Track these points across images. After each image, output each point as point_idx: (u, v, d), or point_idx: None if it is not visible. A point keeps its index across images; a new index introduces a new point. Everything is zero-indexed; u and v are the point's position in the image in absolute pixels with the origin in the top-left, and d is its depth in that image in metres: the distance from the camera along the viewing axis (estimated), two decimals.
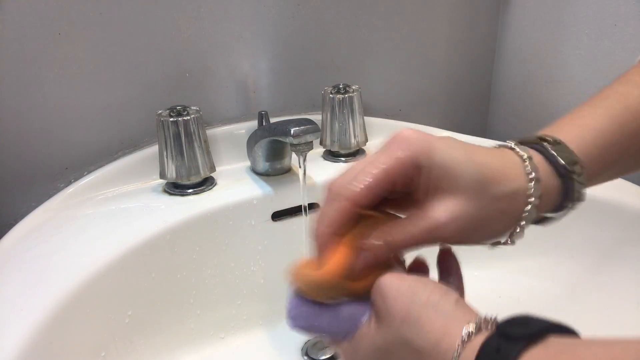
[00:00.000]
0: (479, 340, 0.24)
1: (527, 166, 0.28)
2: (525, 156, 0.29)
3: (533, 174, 0.28)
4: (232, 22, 0.63)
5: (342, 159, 0.67)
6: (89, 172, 0.60)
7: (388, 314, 0.26)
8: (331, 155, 0.68)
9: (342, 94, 0.64)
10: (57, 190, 0.59)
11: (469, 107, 0.84)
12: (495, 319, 0.25)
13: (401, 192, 0.29)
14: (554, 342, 0.23)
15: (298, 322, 0.30)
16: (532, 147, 0.30)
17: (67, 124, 0.58)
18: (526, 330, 0.23)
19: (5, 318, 0.40)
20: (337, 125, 0.65)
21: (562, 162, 0.29)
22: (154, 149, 0.61)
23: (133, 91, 0.60)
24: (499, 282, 0.61)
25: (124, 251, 0.48)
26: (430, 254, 0.33)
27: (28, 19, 0.53)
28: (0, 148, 0.56)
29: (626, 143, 0.31)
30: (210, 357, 0.55)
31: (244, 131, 0.65)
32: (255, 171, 0.63)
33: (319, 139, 0.66)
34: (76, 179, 0.60)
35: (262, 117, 0.62)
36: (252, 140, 0.60)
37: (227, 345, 0.57)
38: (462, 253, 0.33)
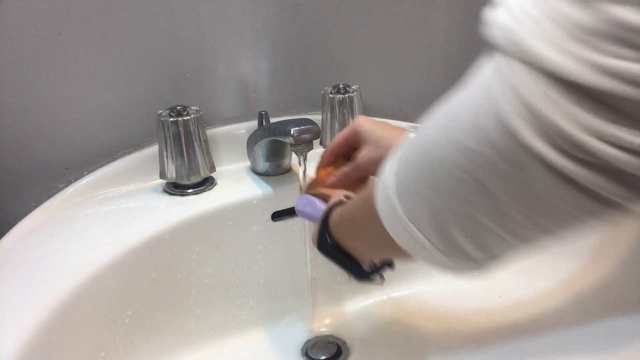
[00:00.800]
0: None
1: (407, 134, 0.42)
2: (411, 131, 0.42)
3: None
4: (232, 22, 0.63)
5: None
6: (89, 172, 0.60)
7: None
8: None
9: (342, 94, 0.64)
10: (57, 190, 0.59)
11: None
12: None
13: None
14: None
15: (297, 206, 0.50)
16: None
17: (67, 124, 0.58)
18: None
19: (5, 318, 0.39)
20: (337, 125, 0.65)
21: None
22: (154, 149, 0.61)
23: (133, 91, 0.60)
24: (499, 282, 0.61)
25: (124, 251, 0.48)
26: None
27: (28, 19, 0.53)
28: (0, 148, 0.56)
29: None
30: (210, 357, 0.55)
31: (244, 131, 0.65)
32: (255, 171, 0.63)
33: (319, 139, 0.66)
34: (76, 179, 0.60)
35: (262, 117, 0.62)
36: (252, 140, 0.60)
37: (227, 345, 0.57)
38: None
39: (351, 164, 0.49)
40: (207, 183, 0.60)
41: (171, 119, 0.55)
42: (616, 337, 0.49)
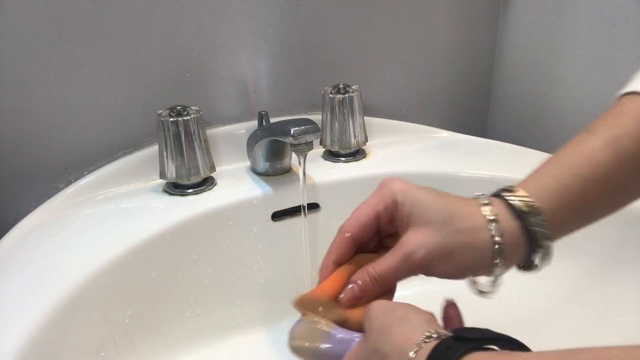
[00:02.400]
0: (436, 342, 0.26)
1: (484, 209, 0.33)
2: (483, 202, 0.33)
3: (490, 216, 0.32)
4: (232, 22, 0.63)
5: (342, 159, 0.67)
6: (89, 172, 0.60)
7: (370, 330, 0.29)
8: (331, 155, 0.68)
9: (342, 94, 0.64)
10: (57, 190, 0.59)
11: (469, 107, 0.84)
12: (457, 328, 0.27)
13: (394, 234, 0.35)
14: (498, 351, 0.25)
15: (295, 340, 0.33)
16: (493, 196, 0.35)
17: (67, 124, 0.58)
18: (477, 335, 0.26)
19: (5, 318, 0.40)
20: (337, 125, 0.65)
21: (517, 203, 0.33)
22: (154, 149, 0.61)
23: (133, 91, 0.60)
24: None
25: (124, 251, 0.48)
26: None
27: (28, 19, 0.53)
28: (1, 148, 0.56)
29: (583, 186, 0.33)
30: (210, 357, 0.55)
31: (244, 131, 0.65)
32: (255, 171, 0.63)
33: (319, 139, 0.66)
34: (76, 179, 0.60)
35: (262, 117, 0.62)
36: (252, 140, 0.60)
37: (227, 345, 0.57)
38: None
39: (397, 252, 0.32)
40: (207, 183, 0.60)
41: (171, 119, 0.55)
42: (616, 337, 0.49)
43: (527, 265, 0.36)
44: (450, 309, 0.34)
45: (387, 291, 0.34)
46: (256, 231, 0.58)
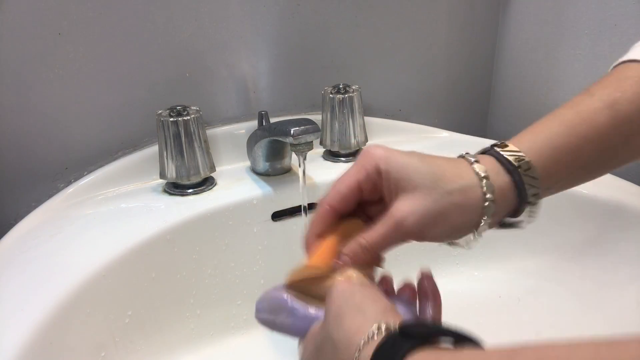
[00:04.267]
0: (382, 338, 0.25)
1: (474, 166, 0.32)
2: (473, 160, 0.33)
3: (481, 173, 0.32)
4: (232, 22, 0.63)
5: (342, 159, 0.67)
6: (89, 172, 0.60)
7: (327, 313, 0.29)
8: (331, 155, 0.68)
9: (342, 94, 0.64)
10: (57, 190, 0.59)
11: (469, 107, 0.84)
12: (404, 323, 0.26)
13: (376, 201, 0.34)
14: (443, 349, 0.24)
15: (260, 314, 0.34)
16: (483, 153, 0.34)
17: (67, 124, 0.58)
18: (423, 330, 0.24)
19: (5, 318, 0.40)
20: (337, 125, 0.65)
21: (508, 158, 0.32)
22: (154, 149, 0.61)
23: (133, 91, 0.60)
24: (499, 282, 0.61)
25: (124, 251, 0.48)
26: None
27: (28, 19, 0.53)
28: (1, 148, 0.56)
29: (576, 144, 0.33)
30: (210, 357, 0.55)
31: (244, 131, 0.65)
32: (255, 171, 0.63)
33: (319, 139, 0.66)
34: (76, 179, 0.60)
35: (262, 117, 0.62)
36: (252, 140, 0.60)
37: (227, 345, 0.57)
38: (464, 253, 0.33)
39: (388, 221, 0.32)
40: (207, 183, 0.60)
41: (171, 119, 0.55)
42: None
43: (511, 223, 0.35)
44: (425, 281, 0.33)
45: (376, 258, 0.33)
46: (256, 231, 0.58)
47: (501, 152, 0.33)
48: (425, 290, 0.33)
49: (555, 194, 0.34)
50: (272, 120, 0.62)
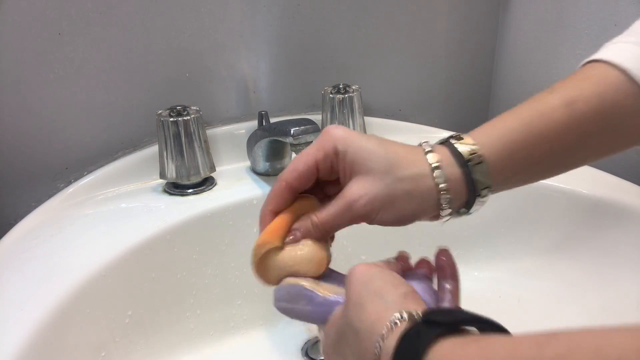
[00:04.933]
0: (406, 326, 0.25)
1: (427, 156, 0.33)
2: (428, 149, 0.33)
3: (432, 163, 0.32)
4: (232, 22, 0.63)
5: None
6: (89, 172, 0.60)
7: (348, 300, 0.29)
8: None
9: (342, 94, 0.64)
10: (57, 190, 0.59)
11: (469, 107, 0.84)
12: (428, 310, 0.26)
13: (335, 181, 0.34)
14: (470, 335, 0.24)
15: (279, 302, 0.34)
16: (441, 143, 0.35)
17: (67, 124, 0.58)
18: (448, 318, 0.24)
19: (5, 318, 0.39)
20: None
21: (460, 151, 0.33)
22: (154, 149, 0.61)
23: (133, 91, 0.60)
24: (499, 282, 0.61)
25: (124, 251, 0.48)
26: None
27: (28, 19, 0.53)
28: (1, 148, 0.56)
29: (532, 141, 0.33)
30: (210, 357, 0.55)
31: (244, 131, 0.65)
32: (255, 171, 0.63)
33: None
34: (76, 179, 0.60)
35: (262, 117, 0.62)
36: (252, 140, 0.60)
37: (228, 345, 0.57)
38: (463, 253, 0.33)
39: (339, 202, 0.32)
40: (207, 183, 0.60)
41: (171, 119, 0.55)
42: None
43: (462, 211, 0.35)
44: (442, 256, 0.34)
45: (327, 236, 0.34)
46: (256, 231, 0.58)
47: (455, 144, 0.33)
48: (443, 267, 0.33)
49: (512, 189, 0.35)
50: (272, 120, 0.62)
